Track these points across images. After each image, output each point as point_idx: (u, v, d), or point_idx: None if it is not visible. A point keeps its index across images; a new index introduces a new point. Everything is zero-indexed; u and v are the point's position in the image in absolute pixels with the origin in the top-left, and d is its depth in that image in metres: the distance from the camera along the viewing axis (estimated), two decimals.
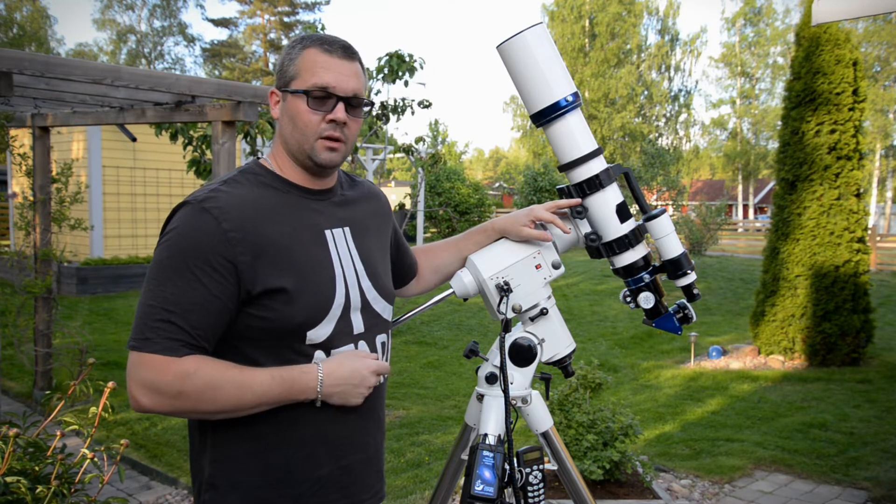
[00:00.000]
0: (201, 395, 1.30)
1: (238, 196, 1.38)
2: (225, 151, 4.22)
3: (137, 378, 1.29)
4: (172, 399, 1.29)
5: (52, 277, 5.66)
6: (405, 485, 4.09)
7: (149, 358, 1.28)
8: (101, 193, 12.15)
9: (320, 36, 1.43)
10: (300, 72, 1.41)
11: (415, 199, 10.89)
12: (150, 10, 39.52)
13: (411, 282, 1.83)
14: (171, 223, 1.36)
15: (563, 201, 1.70)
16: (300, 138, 1.42)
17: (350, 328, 1.45)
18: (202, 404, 1.31)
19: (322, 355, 1.40)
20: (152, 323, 1.29)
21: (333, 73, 1.41)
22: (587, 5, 39.28)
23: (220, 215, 1.33)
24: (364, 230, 1.55)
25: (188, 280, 1.30)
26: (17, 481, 1.62)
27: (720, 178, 43.95)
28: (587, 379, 3.99)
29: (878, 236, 18.35)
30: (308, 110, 1.40)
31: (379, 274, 1.55)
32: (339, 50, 1.43)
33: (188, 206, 1.36)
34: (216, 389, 1.30)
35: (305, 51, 1.42)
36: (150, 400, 1.29)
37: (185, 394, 1.29)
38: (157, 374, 1.28)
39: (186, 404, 1.30)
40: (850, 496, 4.08)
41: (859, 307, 6.90)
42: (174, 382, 1.28)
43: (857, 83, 7.02)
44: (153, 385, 1.28)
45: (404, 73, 6.03)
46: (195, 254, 1.31)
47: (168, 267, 1.32)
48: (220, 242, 1.31)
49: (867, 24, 30.72)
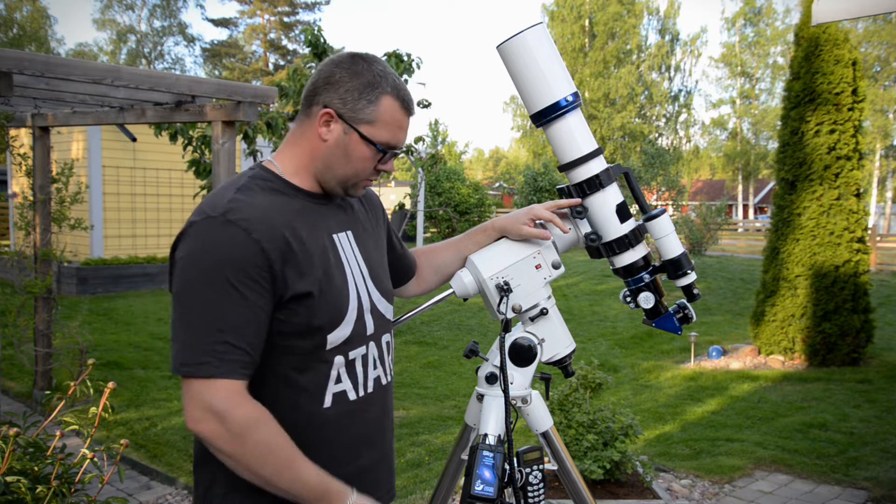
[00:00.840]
0: (252, 452, 1.27)
1: (258, 205, 1.35)
2: (225, 151, 4.22)
3: (205, 402, 1.25)
4: (232, 437, 1.25)
5: (52, 277, 5.66)
6: (405, 485, 4.09)
7: (215, 384, 1.25)
8: (101, 193, 12.15)
9: (396, 84, 1.42)
10: (377, 121, 1.41)
11: (415, 199, 10.89)
12: (150, 10, 39.56)
13: (410, 281, 1.83)
14: (192, 239, 1.32)
15: (563, 201, 1.71)
16: (349, 174, 1.44)
17: (364, 329, 1.46)
18: (249, 460, 1.28)
19: (342, 360, 1.42)
20: (209, 346, 1.25)
21: (404, 133, 1.46)
22: (587, 5, 39.29)
23: (249, 226, 1.30)
24: (363, 232, 1.57)
25: (233, 296, 1.27)
26: (17, 481, 1.62)
27: (720, 178, 43.95)
28: (587, 379, 3.99)
29: (878, 236, 18.35)
30: (371, 158, 1.43)
31: (380, 275, 1.56)
32: (412, 107, 1.46)
33: (210, 220, 1.31)
34: (271, 455, 1.28)
35: (386, 98, 1.41)
36: (212, 426, 1.26)
37: (245, 440, 1.26)
38: (228, 404, 1.25)
39: (239, 451, 1.27)
40: (850, 496, 4.08)
41: (859, 307, 6.90)
42: (242, 421, 1.26)
43: (856, 83, 7.02)
44: (222, 413, 1.25)
45: (403, 72, 6.02)
46: (233, 268, 1.27)
47: (207, 285, 1.28)
48: (256, 254, 1.29)
49: (867, 24, 30.73)
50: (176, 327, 1.29)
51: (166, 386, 6.17)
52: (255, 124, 4.89)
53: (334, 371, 1.41)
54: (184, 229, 1.35)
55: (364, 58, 1.44)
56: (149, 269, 12.20)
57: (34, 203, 5.59)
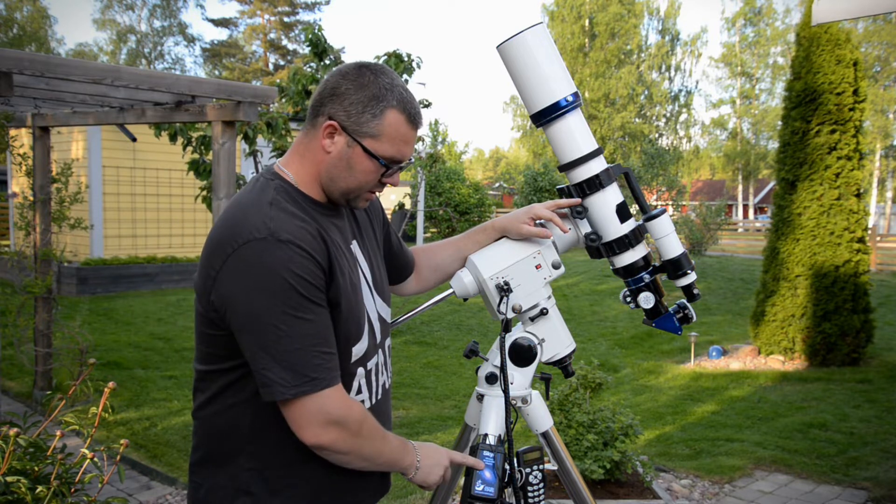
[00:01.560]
0: (369, 440, 1.36)
1: (296, 219, 1.36)
2: (225, 151, 4.22)
3: (327, 413, 1.31)
4: (353, 436, 1.34)
5: (52, 277, 5.66)
6: (405, 485, 4.09)
7: (328, 394, 1.31)
8: (101, 193, 12.15)
9: (403, 97, 1.40)
10: (382, 135, 1.39)
11: (415, 199, 10.89)
12: (150, 10, 39.55)
13: (409, 279, 1.83)
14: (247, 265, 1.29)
15: (563, 201, 1.71)
16: (352, 186, 1.43)
17: (375, 338, 1.49)
18: (365, 447, 1.37)
19: (363, 372, 1.46)
20: (313, 362, 1.29)
21: (410, 147, 1.44)
22: (587, 5, 39.28)
23: (301, 243, 1.31)
24: (364, 237, 1.58)
25: (311, 311, 1.31)
26: (17, 481, 1.62)
27: (720, 178, 43.96)
28: (587, 379, 3.99)
29: (878, 236, 18.35)
30: (374, 171, 1.42)
31: (379, 279, 1.58)
32: (419, 121, 1.44)
33: (260, 241, 1.29)
34: (377, 437, 1.39)
35: (391, 112, 1.39)
36: (334, 435, 1.32)
37: (361, 433, 1.35)
38: (344, 408, 1.33)
39: (359, 444, 1.35)
40: (850, 496, 4.08)
41: (859, 307, 6.90)
42: (357, 417, 1.35)
43: (857, 83, 7.02)
44: (341, 420, 1.32)
45: (402, 72, 6.03)
46: (301, 285, 1.29)
47: (285, 307, 1.28)
48: (315, 267, 1.32)
49: (867, 24, 30.73)
50: (268, 353, 1.28)
51: (166, 386, 6.17)
52: (255, 124, 4.89)
53: (356, 382, 1.45)
54: (227, 254, 1.31)
55: (372, 69, 1.41)
56: (149, 269, 12.20)
57: (34, 203, 5.59)
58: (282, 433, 1.36)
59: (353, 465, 1.38)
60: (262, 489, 1.39)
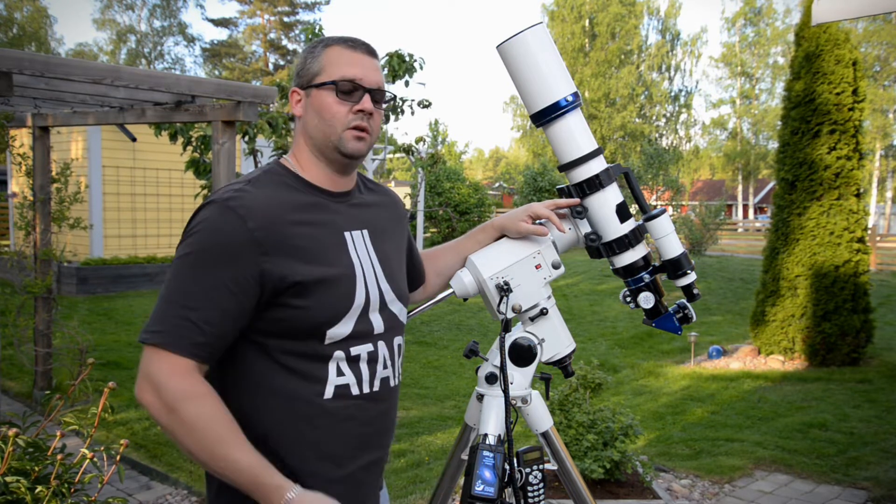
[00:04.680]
0: (183, 425, 1.27)
1: (262, 196, 1.38)
2: (225, 151, 4.22)
3: (147, 372, 1.29)
4: (166, 411, 1.27)
5: (52, 277, 5.66)
6: (405, 485, 4.09)
7: (161, 354, 1.28)
8: (101, 193, 12.15)
9: (341, 36, 1.48)
10: (325, 67, 1.44)
11: (415, 199, 10.90)
12: (150, 10, 39.54)
13: (419, 289, 1.83)
14: (196, 221, 1.37)
15: (562, 201, 1.71)
16: (328, 130, 1.44)
17: (370, 328, 1.46)
18: (181, 434, 1.27)
19: (342, 355, 1.41)
20: (170, 319, 1.30)
21: (359, 67, 1.45)
22: (587, 5, 39.28)
23: (246, 214, 1.33)
24: (382, 233, 1.56)
25: (211, 278, 1.31)
26: (16, 481, 1.62)
27: (720, 178, 43.95)
28: (587, 379, 3.99)
29: (878, 236, 18.34)
30: (336, 101, 1.43)
31: (396, 276, 1.56)
32: (361, 46, 1.48)
33: (213, 204, 1.36)
34: (200, 430, 1.27)
35: (329, 48, 1.46)
36: (149, 398, 1.29)
37: (176, 412, 1.26)
38: (166, 375, 1.27)
39: (171, 422, 1.27)
40: (850, 496, 4.08)
41: (859, 307, 6.90)
42: (176, 397, 1.27)
43: (856, 83, 7.02)
44: (158, 385, 1.28)
45: (404, 73, 6.02)
46: (220, 252, 1.32)
47: (192, 264, 1.33)
48: (246, 241, 1.32)
49: (867, 24, 30.72)
50: (160, 295, 1.34)
51: None
52: (255, 124, 4.88)
53: (333, 364, 1.40)
54: (193, 212, 1.40)
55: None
56: (149, 269, 12.20)
57: (34, 203, 5.59)
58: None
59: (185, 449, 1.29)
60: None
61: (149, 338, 1.30)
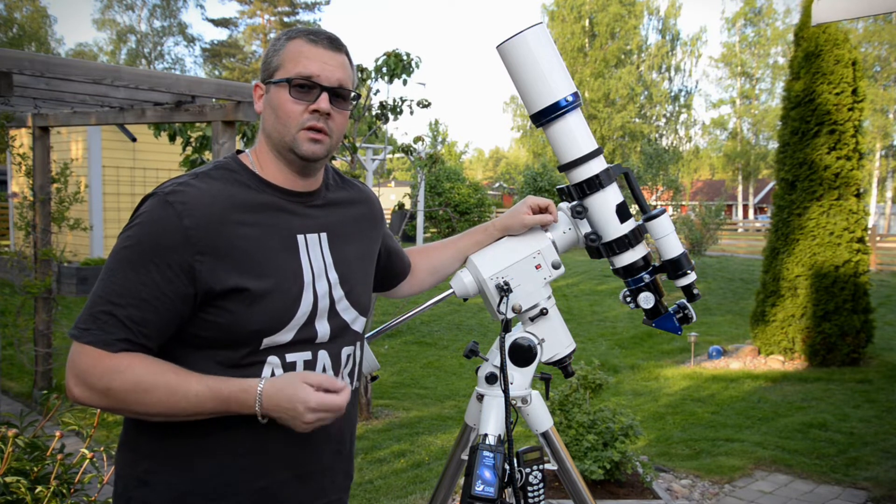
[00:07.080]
0: (128, 395, 1.26)
1: (206, 192, 1.32)
2: (225, 151, 4.22)
3: (72, 367, 1.28)
4: (101, 395, 1.27)
5: (52, 277, 5.66)
6: (405, 485, 4.09)
7: (84, 349, 1.27)
8: (100, 193, 12.15)
9: (306, 28, 1.42)
10: (284, 62, 1.38)
11: (415, 199, 10.88)
12: (150, 10, 39.55)
13: (403, 282, 1.79)
14: (136, 214, 1.33)
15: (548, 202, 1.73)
16: (282, 129, 1.37)
17: (313, 336, 1.39)
18: (130, 404, 1.27)
19: (276, 360, 1.34)
20: (95, 314, 1.27)
21: (318, 63, 1.37)
22: (587, 5, 39.30)
23: (184, 210, 1.28)
24: (343, 236, 1.49)
25: (140, 275, 1.27)
26: (17, 482, 1.62)
27: (720, 178, 43.96)
28: (587, 379, 3.99)
29: (878, 236, 18.34)
30: (290, 100, 1.36)
31: (353, 283, 1.47)
32: (324, 40, 1.39)
33: (154, 197, 1.32)
34: (146, 392, 1.25)
35: (290, 42, 1.39)
36: (80, 392, 1.28)
37: (112, 391, 1.26)
38: (89, 366, 1.26)
39: (115, 402, 1.27)
40: (850, 496, 4.08)
41: (859, 307, 6.90)
42: (103, 377, 1.25)
43: (856, 83, 7.02)
44: (84, 377, 1.27)
45: (402, 72, 6.01)
46: (151, 248, 1.27)
47: (123, 259, 1.29)
48: (179, 239, 1.27)
49: (867, 24, 30.73)
50: (91, 291, 1.31)
51: None
52: (254, 124, 4.89)
53: (267, 369, 1.34)
54: (139, 202, 1.36)
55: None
56: None
57: (34, 203, 5.59)
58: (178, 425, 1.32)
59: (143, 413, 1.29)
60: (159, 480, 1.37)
61: (78, 334, 1.28)
